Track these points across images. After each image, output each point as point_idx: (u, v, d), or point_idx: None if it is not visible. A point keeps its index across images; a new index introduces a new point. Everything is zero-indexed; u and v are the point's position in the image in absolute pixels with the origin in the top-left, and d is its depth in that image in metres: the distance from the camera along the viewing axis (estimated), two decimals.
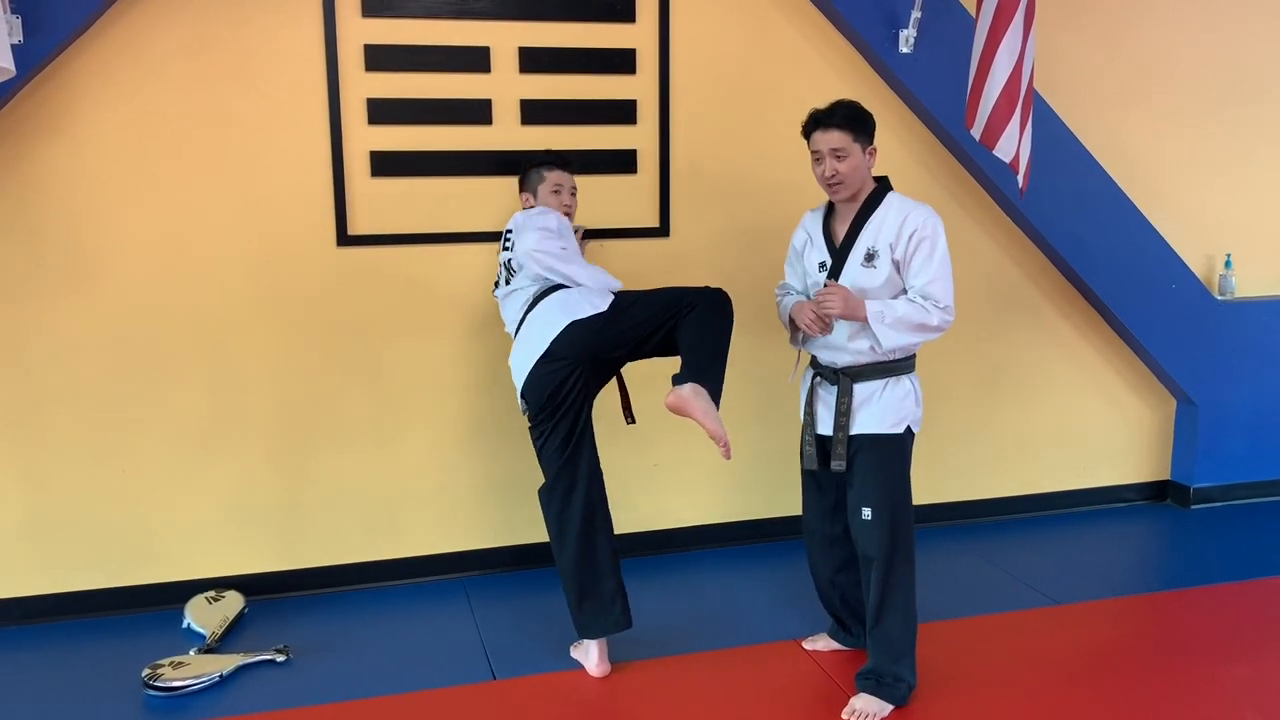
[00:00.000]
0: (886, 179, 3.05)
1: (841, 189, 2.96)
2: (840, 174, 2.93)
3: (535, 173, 3.44)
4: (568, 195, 3.44)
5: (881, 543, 2.96)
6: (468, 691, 3.14)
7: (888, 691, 2.98)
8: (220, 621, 3.50)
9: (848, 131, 2.91)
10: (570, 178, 3.46)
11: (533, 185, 3.43)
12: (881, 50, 3.91)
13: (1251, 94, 4.63)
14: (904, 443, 3.00)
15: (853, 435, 2.98)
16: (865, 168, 2.96)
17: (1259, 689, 3.11)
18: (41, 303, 3.48)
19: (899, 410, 2.97)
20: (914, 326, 2.89)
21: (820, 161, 2.95)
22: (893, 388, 2.98)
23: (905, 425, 2.99)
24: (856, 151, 2.92)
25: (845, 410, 2.98)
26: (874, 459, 2.97)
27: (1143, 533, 4.52)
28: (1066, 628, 3.52)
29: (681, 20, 3.87)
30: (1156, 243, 4.42)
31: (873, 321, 2.87)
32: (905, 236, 2.91)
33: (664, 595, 3.80)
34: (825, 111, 2.95)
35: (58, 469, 3.57)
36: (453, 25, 3.67)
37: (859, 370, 2.97)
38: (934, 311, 2.89)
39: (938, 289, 2.90)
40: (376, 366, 3.79)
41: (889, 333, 2.88)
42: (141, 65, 3.44)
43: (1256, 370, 4.66)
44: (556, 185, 3.42)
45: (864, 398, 2.98)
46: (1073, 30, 4.31)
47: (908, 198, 3.00)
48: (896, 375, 2.98)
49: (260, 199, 3.60)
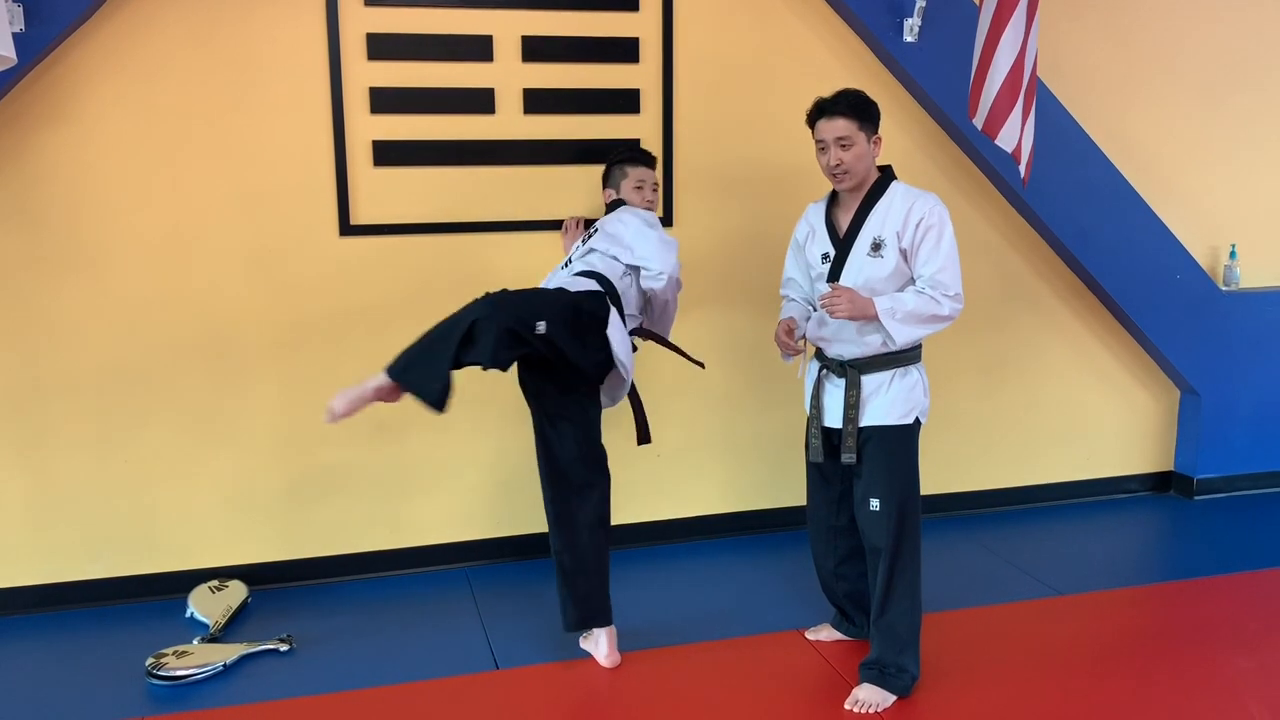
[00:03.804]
0: (890, 168, 3.03)
1: (846, 178, 2.95)
2: (845, 163, 2.91)
3: (619, 168, 3.45)
4: (650, 191, 3.45)
5: (889, 534, 2.95)
6: (471, 681, 3.15)
7: (891, 682, 2.98)
8: (223, 611, 3.51)
9: (853, 120, 2.90)
10: (653, 173, 3.48)
11: (615, 181, 3.45)
12: (886, 39, 3.90)
13: (1258, 83, 4.61)
14: (912, 433, 3.00)
15: (862, 427, 2.98)
16: (870, 157, 2.95)
17: (1262, 680, 3.11)
18: (43, 292, 3.48)
19: (908, 401, 2.97)
20: (925, 319, 2.88)
21: (825, 150, 2.94)
22: (901, 379, 2.97)
23: (914, 415, 2.98)
24: (862, 140, 2.91)
25: (854, 403, 2.97)
26: (883, 450, 2.97)
27: (1146, 523, 4.52)
28: (1070, 618, 3.52)
29: (685, 9, 3.85)
30: (1161, 233, 4.41)
31: (884, 318, 2.85)
32: (913, 225, 2.89)
33: (668, 585, 3.81)
34: (830, 100, 2.94)
35: (61, 458, 3.57)
36: (455, 14, 3.65)
37: (867, 362, 2.97)
38: (944, 301, 2.88)
39: (947, 277, 2.89)
40: (379, 356, 3.77)
41: (901, 328, 2.86)
42: (144, 54, 3.43)
43: (1261, 361, 4.66)
44: (639, 181, 3.43)
45: (872, 389, 2.97)
46: (1076, 19, 4.29)
47: (912, 187, 2.99)
48: (904, 366, 2.98)
49: (262, 188, 3.60)
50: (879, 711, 2.94)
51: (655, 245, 3.20)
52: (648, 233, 3.23)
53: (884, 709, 2.94)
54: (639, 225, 3.25)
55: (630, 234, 3.22)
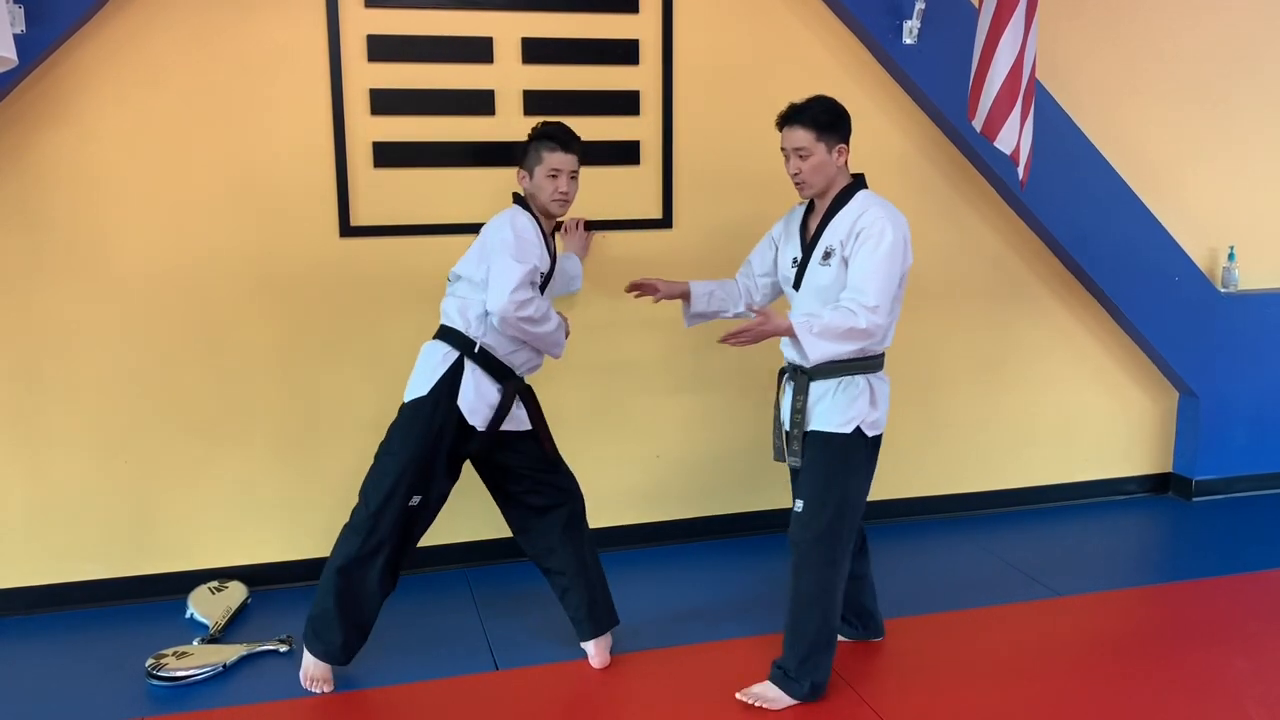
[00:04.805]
0: (861, 177, 3.01)
1: (804, 187, 2.96)
2: (802, 173, 2.93)
3: (534, 149, 3.10)
4: (565, 181, 3.08)
5: (804, 538, 2.93)
6: (471, 682, 3.15)
7: (793, 687, 2.96)
8: (223, 612, 3.51)
9: (811, 130, 2.89)
10: (572, 159, 3.09)
11: (529, 163, 3.11)
12: (885, 41, 3.90)
13: (1257, 84, 4.62)
14: (850, 443, 2.93)
15: (806, 432, 2.97)
16: (832, 166, 2.93)
17: (1261, 681, 3.11)
18: (44, 293, 3.48)
19: (848, 411, 2.91)
20: (841, 333, 2.80)
21: (787, 159, 2.96)
22: (846, 387, 2.92)
23: (854, 425, 2.91)
24: (821, 151, 2.90)
25: (800, 408, 2.97)
26: (819, 456, 2.95)
27: (1145, 525, 4.52)
28: (1068, 620, 3.52)
29: (685, 11, 3.86)
30: (1159, 235, 4.41)
31: (799, 331, 2.80)
32: (854, 235, 2.87)
33: (668, 586, 3.81)
34: (793, 109, 2.93)
35: (61, 459, 3.57)
36: (455, 16, 3.66)
37: (818, 368, 2.93)
38: (860, 312, 2.79)
39: (868, 285, 2.80)
40: (379, 357, 3.79)
41: (815, 341, 2.79)
42: (145, 55, 3.44)
43: (1259, 363, 4.66)
44: (554, 169, 3.07)
45: (818, 396, 2.95)
46: (1075, 20, 4.30)
47: (877, 197, 2.95)
48: (852, 375, 2.93)
49: (263, 190, 3.60)
50: (777, 710, 2.93)
51: (496, 276, 2.96)
52: (499, 260, 2.97)
53: (778, 708, 2.93)
54: (497, 247, 3.00)
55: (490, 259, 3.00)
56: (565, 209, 3.15)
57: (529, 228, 3.05)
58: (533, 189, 3.13)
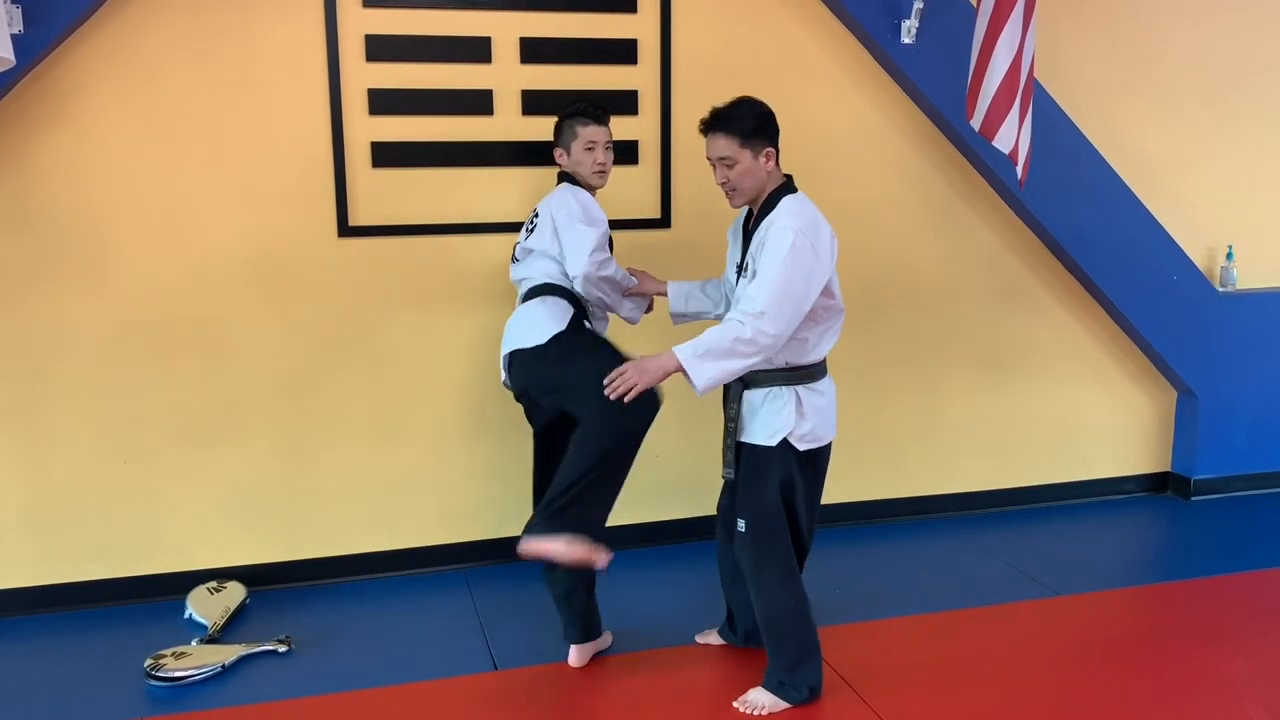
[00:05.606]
0: (790, 179, 2.90)
1: (735, 195, 2.87)
2: (730, 181, 2.83)
3: (568, 126, 3.21)
4: (602, 152, 3.20)
5: (751, 560, 2.89)
6: (469, 682, 3.15)
7: (790, 693, 2.94)
8: (222, 612, 3.51)
9: (733, 138, 2.78)
10: (606, 131, 3.22)
11: (565, 141, 3.22)
12: (883, 41, 3.90)
13: (1255, 84, 4.62)
14: (775, 457, 2.83)
15: (738, 442, 2.91)
16: (761, 171, 2.82)
17: (1260, 680, 3.11)
18: (42, 293, 3.48)
19: (773, 424, 2.82)
20: (725, 351, 2.65)
21: (715, 169, 2.87)
22: (772, 399, 2.83)
23: (779, 439, 2.82)
24: (746, 157, 2.79)
25: (733, 417, 2.89)
26: (750, 471, 2.88)
27: (1143, 524, 4.52)
28: (1067, 619, 3.52)
29: (683, 11, 3.86)
30: (1158, 234, 4.42)
31: (684, 362, 2.66)
32: (760, 244, 2.75)
33: (667, 586, 3.81)
34: (714, 116, 2.82)
35: (59, 459, 3.57)
36: (454, 15, 3.66)
37: (752, 377, 2.83)
38: (746, 321, 2.64)
39: (759, 291, 2.65)
40: (378, 357, 3.79)
41: (699, 365, 2.65)
42: (143, 55, 3.44)
43: (1257, 362, 4.67)
44: (590, 142, 3.18)
45: (750, 407, 2.87)
46: (1073, 20, 4.31)
47: (796, 201, 2.82)
48: (778, 386, 2.83)
49: (261, 190, 3.60)
50: (769, 713, 2.91)
51: (574, 242, 3.06)
52: (573, 229, 3.07)
53: (773, 712, 2.91)
54: (567, 219, 3.09)
55: (563, 231, 3.09)
56: (604, 180, 3.25)
57: (590, 199, 3.18)
58: (572, 165, 3.23)
